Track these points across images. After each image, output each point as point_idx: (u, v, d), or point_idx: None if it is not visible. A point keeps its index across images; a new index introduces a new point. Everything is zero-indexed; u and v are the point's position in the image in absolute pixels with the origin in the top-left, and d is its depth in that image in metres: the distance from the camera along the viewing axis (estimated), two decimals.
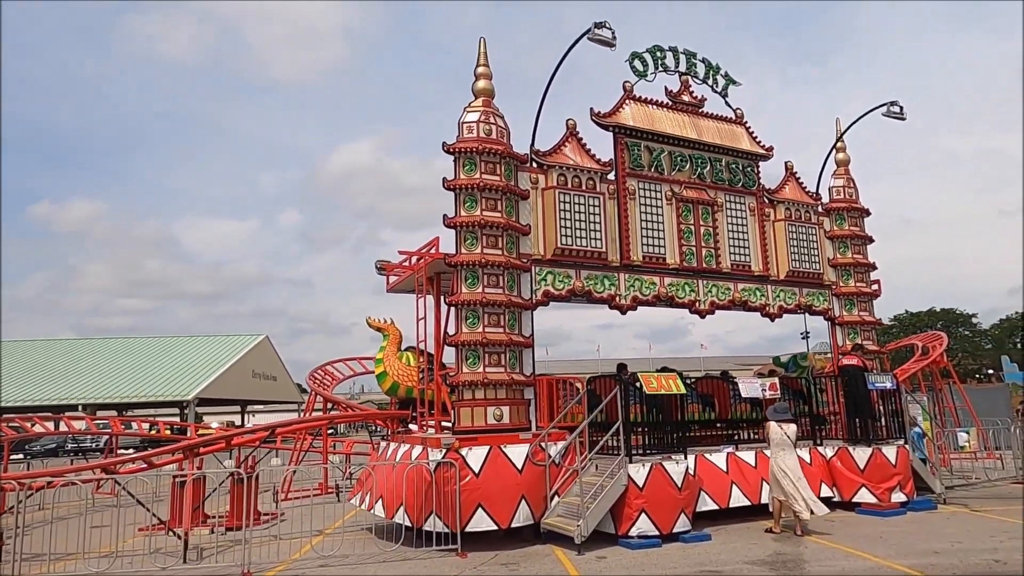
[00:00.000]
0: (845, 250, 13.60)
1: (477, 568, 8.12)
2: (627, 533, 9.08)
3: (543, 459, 9.67)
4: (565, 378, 11.35)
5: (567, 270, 10.83)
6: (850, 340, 13.31)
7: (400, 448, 10.57)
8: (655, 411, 9.86)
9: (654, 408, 9.83)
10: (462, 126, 10.48)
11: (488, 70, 10.83)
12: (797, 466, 10.05)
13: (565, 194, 10.87)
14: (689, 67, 12.61)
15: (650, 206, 11.70)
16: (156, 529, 11.01)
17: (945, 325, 65.27)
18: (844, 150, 14.09)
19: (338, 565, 8.49)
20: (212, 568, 8.51)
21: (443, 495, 9.01)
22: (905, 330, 66.76)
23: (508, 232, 10.28)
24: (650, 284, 11.49)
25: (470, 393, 9.72)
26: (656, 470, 9.34)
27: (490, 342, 9.79)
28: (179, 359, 50.35)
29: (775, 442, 10.14)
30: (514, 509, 9.24)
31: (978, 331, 76.18)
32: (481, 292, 9.90)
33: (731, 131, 12.81)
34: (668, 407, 10.05)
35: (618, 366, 13.16)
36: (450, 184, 10.20)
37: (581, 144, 11.33)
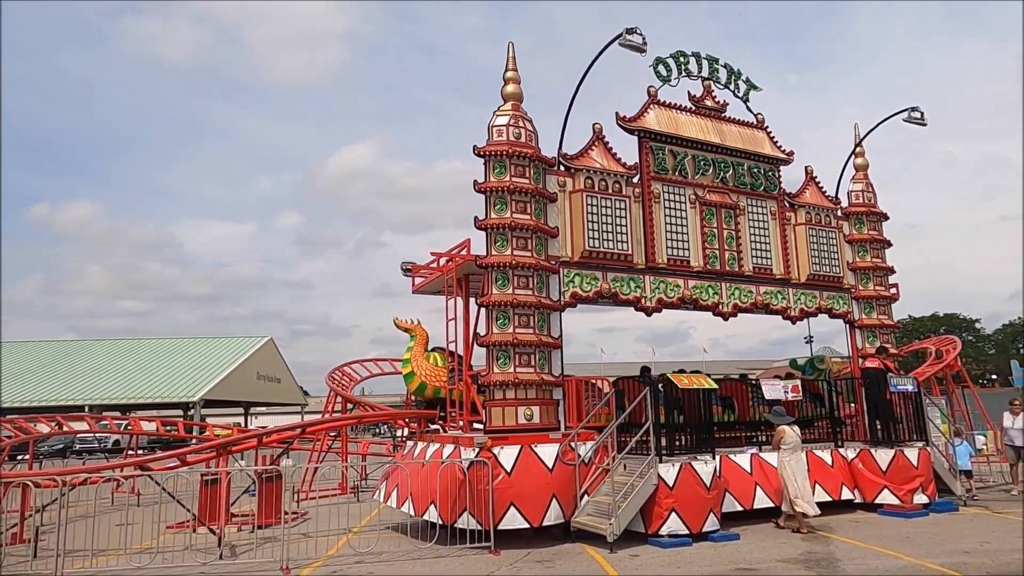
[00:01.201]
0: (864, 254, 13.73)
1: (513, 566, 8.23)
2: (657, 532, 9.19)
3: (573, 459, 9.78)
4: (588, 379, 11.47)
5: (594, 272, 10.95)
6: (870, 343, 13.43)
7: (429, 447, 10.68)
8: (676, 412, 9.96)
9: (675, 409, 9.93)
10: (492, 129, 10.62)
11: (517, 74, 10.98)
12: (804, 468, 10.26)
13: (592, 197, 11.01)
14: (711, 72, 12.75)
15: (674, 209, 11.84)
16: (184, 526, 11.12)
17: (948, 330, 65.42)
18: (863, 155, 14.23)
19: (374, 562, 8.60)
20: (250, 564, 8.61)
21: (476, 493, 9.12)
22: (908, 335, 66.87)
23: (537, 234, 10.41)
24: (674, 286, 11.62)
25: (501, 393, 9.84)
26: (685, 470, 9.45)
27: (520, 343, 9.91)
28: (184, 360, 50.48)
29: (791, 445, 10.30)
30: (545, 508, 9.35)
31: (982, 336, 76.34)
32: (511, 293, 10.02)
33: (753, 135, 12.95)
34: (695, 408, 10.16)
35: (642, 368, 13.27)
36: (481, 187, 10.33)
37: (607, 148, 11.47)
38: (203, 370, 48.54)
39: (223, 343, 55.88)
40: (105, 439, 40.03)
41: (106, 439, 40.22)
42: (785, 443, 10.36)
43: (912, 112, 13.09)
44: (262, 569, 8.39)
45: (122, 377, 47.27)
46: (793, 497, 9.98)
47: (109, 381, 46.58)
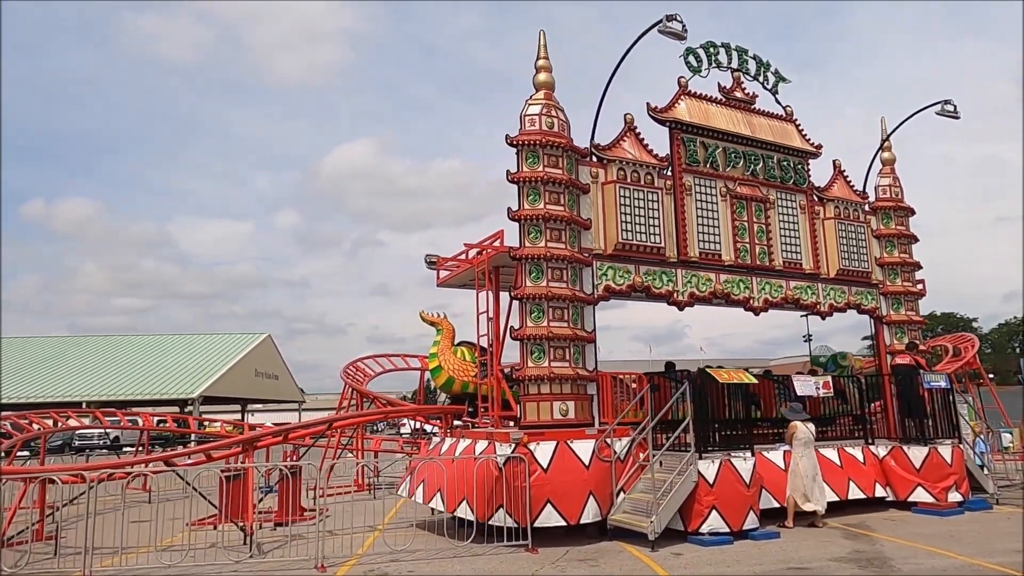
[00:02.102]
0: (892, 249, 13.56)
1: (556, 564, 8.01)
2: (697, 530, 8.99)
3: (609, 455, 9.57)
4: (615, 374, 11.25)
5: (626, 265, 10.74)
6: (897, 340, 13.27)
7: (460, 442, 10.44)
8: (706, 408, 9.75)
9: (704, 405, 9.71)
10: (524, 119, 10.39)
11: (548, 63, 10.75)
12: (815, 465, 10.16)
13: (625, 189, 10.79)
14: (741, 63, 12.55)
15: (706, 202, 11.63)
16: (206, 523, 10.87)
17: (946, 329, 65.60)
18: (890, 149, 14.06)
19: (410, 560, 8.37)
20: (283, 562, 8.38)
21: (512, 490, 8.90)
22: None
23: (571, 226, 10.20)
24: (706, 280, 11.41)
25: (535, 388, 9.63)
26: (725, 467, 9.26)
27: (555, 336, 9.69)
28: (182, 357, 50.11)
29: (803, 441, 10.17)
30: (583, 505, 9.14)
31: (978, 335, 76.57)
32: (546, 286, 9.80)
33: (782, 128, 12.76)
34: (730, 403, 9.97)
35: (667, 364, 13.10)
36: (514, 177, 10.11)
37: (639, 139, 11.26)
38: (201, 367, 48.20)
39: (221, 340, 55.51)
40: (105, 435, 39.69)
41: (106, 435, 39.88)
42: (796, 439, 10.24)
43: (945, 105, 12.92)
44: (295, 567, 8.16)
45: (120, 374, 46.89)
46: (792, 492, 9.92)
47: (107, 378, 46.20)
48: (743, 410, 10.07)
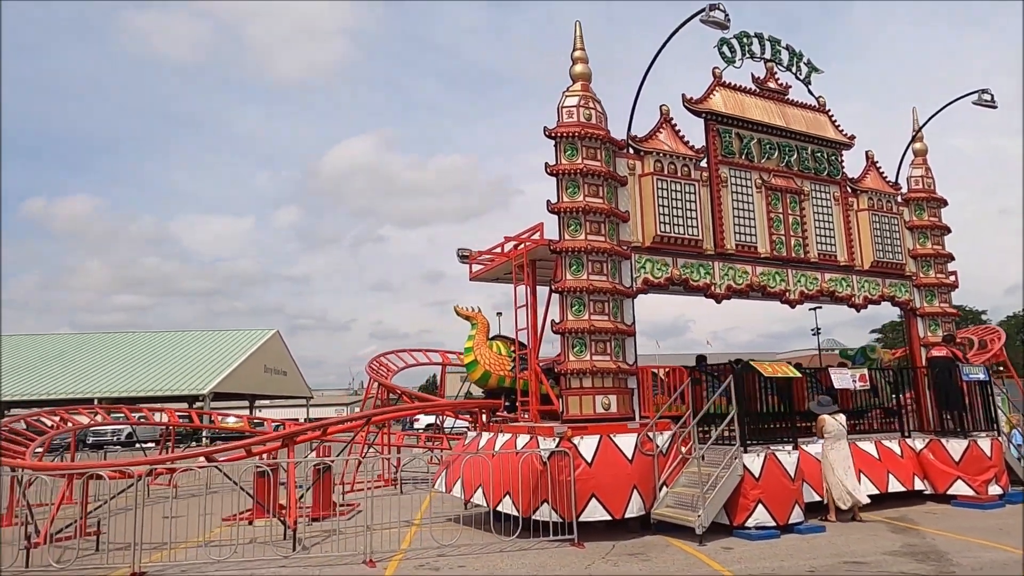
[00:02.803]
0: (925, 240, 13.44)
1: (606, 559, 7.96)
2: (743, 524, 8.93)
3: (651, 449, 9.51)
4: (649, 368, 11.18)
5: (664, 258, 10.65)
6: (931, 332, 13.16)
7: (499, 437, 10.38)
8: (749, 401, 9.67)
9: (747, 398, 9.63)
10: (561, 110, 10.30)
11: (584, 53, 10.64)
12: (849, 456, 10.10)
13: (662, 181, 10.69)
14: (774, 54, 12.42)
15: (741, 194, 11.52)
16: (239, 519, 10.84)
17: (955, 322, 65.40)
18: (922, 139, 13.93)
19: (457, 555, 8.32)
20: (329, 557, 8.33)
21: (557, 484, 8.84)
22: None
23: (610, 219, 10.10)
24: (742, 273, 11.32)
25: (577, 381, 9.55)
26: (770, 460, 9.19)
27: (597, 329, 9.61)
28: (191, 353, 50.20)
29: (833, 434, 10.11)
30: (627, 499, 9.07)
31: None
32: (586, 279, 9.72)
33: (815, 119, 12.63)
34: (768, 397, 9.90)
35: (697, 357, 13.05)
36: (552, 169, 10.02)
37: (675, 130, 11.15)
38: (211, 363, 48.31)
39: (230, 336, 55.58)
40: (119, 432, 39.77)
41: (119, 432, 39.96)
42: (827, 431, 10.16)
43: (982, 95, 12.79)
44: (342, 562, 8.11)
45: (130, 370, 46.99)
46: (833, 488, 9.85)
47: (117, 374, 46.31)
48: (784, 403, 9.98)
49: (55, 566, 7.99)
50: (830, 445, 10.08)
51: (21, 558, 8.11)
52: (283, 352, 60.02)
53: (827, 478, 10.02)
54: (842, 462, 9.99)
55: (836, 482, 9.93)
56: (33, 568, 8.04)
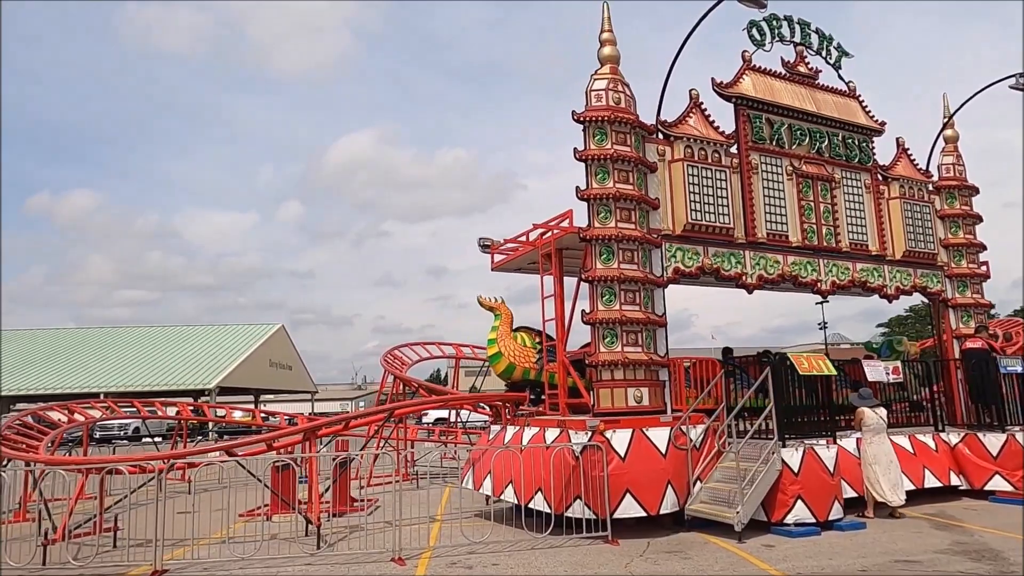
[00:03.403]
0: (956, 230, 13.10)
1: (644, 556, 7.67)
2: (782, 521, 8.64)
3: (685, 443, 9.21)
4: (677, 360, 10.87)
5: (695, 247, 10.33)
6: (963, 323, 12.84)
7: (525, 431, 10.09)
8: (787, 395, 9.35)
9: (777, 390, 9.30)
10: (590, 94, 9.97)
11: (613, 36, 10.31)
12: (891, 451, 9.80)
13: (693, 167, 10.36)
14: (804, 37, 12.06)
15: (772, 181, 11.19)
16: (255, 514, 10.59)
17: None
18: (953, 126, 13.57)
19: (488, 552, 8.04)
20: (356, 554, 8.05)
21: (590, 480, 8.56)
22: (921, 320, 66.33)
23: (641, 206, 9.79)
24: (774, 263, 10.99)
25: (608, 373, 9.26)
26: (809, 455, 8.89)
27: (628, 320, 9.31)
28: (196, 348, 49.98)
29: (872, 428, 9.82)
30: (661, 495, 8.78)
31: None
32: (617, 268, 9.41)
33: (846, 104, 12.28)
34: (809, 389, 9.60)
35: (724, 350, 12.74)
36: (581, 154, 9.70)
37: (705, 115, 10.82)
38: (217, 357, 48.07)
39: (234, 330, 55.31)
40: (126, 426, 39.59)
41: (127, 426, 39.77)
42: (866, 425, 9.86)
43: (1020, 78, 12.42)
44: (369, 560, 7.84)
45: (135, 365, 46.78)
46: (872, 484, 9.56)
47: (122, 369, 46.10)
48: (823, 396, 9.66)
49: (73, 563, 7.72)
50: (868, 439, 9.79)
51: (37, 555, 7.85)
52: (288, 346, 59.82)
53: (866, 473, 9.72)
54: (882, 457, 9.68)
55: (872, 476, 9.63)
56: (51, 565, 7.78)
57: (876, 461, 9.68)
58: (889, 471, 9.67)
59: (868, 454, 9.73)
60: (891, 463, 9.74)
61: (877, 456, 9.70)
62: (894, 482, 9.67)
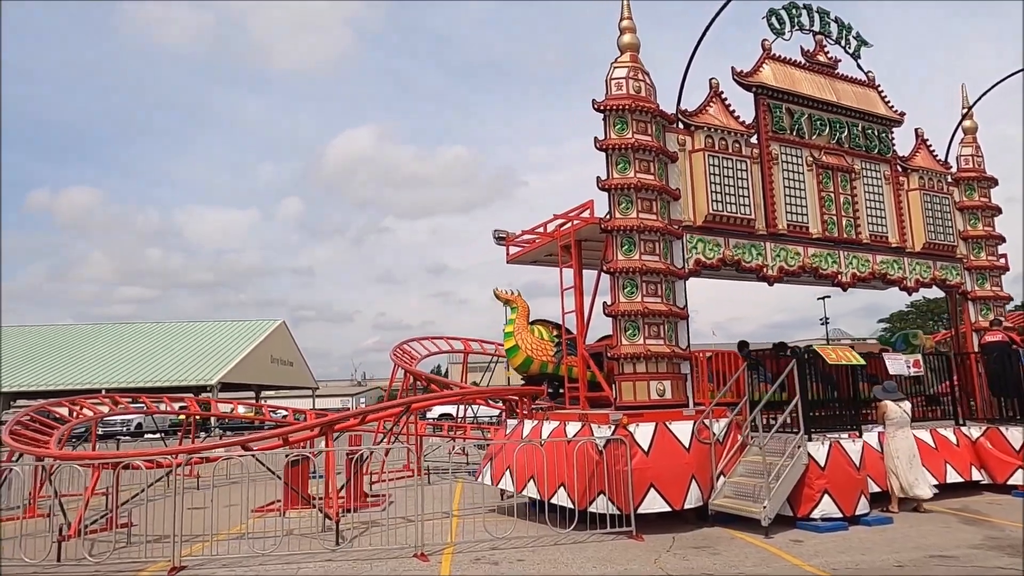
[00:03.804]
0: (976, 222, 12.95)
1: (671, 552, 7.53)
2: (808, 516, 8.50)
3: (708, 437, 9.07)
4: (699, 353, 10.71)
5: (716, 238, 10.17)
6: (982, 316, 12.70)
7: (544, 425, 9.94)
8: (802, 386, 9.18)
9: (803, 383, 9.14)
10: (610, 82, 9.80)
11: (632, 23, 10.13)
12: (914, 446, 9.66)
13: (713, 157, 10.20)
14: (823, 26, 11.88)
15: (792, 172, 11.03)
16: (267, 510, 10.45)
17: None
18: (972, 117, 13.41)
19: (510, 548, 7.90)
20: (376, 551, 7.90)
21: (613, 474, 8.41)
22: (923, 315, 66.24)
23: (662, 196, 9.63)
24: (794, 254, 10.84)
25: (631, 366, 9.10)
26: (835, 449, 8.75)
27: (650, 312, 9.16)
28: (198, 344, 49.76)
29: (895, 422, 9.68)
30: (685, 489, 8.64)
31: None
32: (639, 259, 9.26)
33: (866, 94, 12.12)
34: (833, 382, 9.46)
35: (739, 343, 12.58)
36: (601, 144, 9.54)
37: (725, 104, 10.65)
38: (218, 353, 47.85)
39: (236, 326, 55.09)
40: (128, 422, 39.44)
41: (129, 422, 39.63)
42: (889, 419, 9.73)
43: None
44: (390, 556, 7.69)
45: (137, 361, 46.55)
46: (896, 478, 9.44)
47: (123, 365, 45.88)
48: (850, 389, 9.51)
49: (89, 559, 7.57)
50: (892, 433, 9.66)
51: (52, 552, 7.70)
52: (289, 342, 59.64)
53: (888, 467, 9.60)
54: (906, 452, 9.55)
55: (895, 471, 9.50)
56: (66, 562, 7.63)
57: (899, 455, 9.56)
58: (912, 465, 9.55)
59: (891, 448, 9.61)
60: (914, 457, 9.61)
61: (900, 450, 9.57)
62: (918, 476, 9.55)
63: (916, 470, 9.56)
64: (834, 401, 11.70)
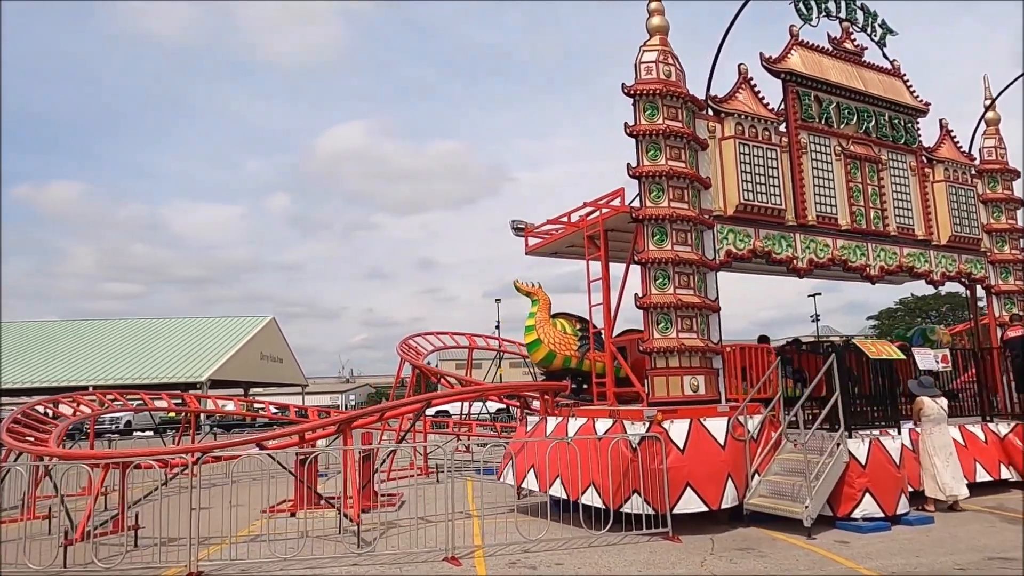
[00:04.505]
0: (999, 215, 12.72)
1: (714, 554, 7.20)
2: (849, 515, 8.20)
3: (743, 434, 8.75)
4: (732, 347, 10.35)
5: (747, 228, 9.85)
6: (1006, 311, 12.48)
7: (570, 422, 9.58)
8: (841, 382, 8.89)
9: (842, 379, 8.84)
10: (639, 66, 9.44)
11: (661, 5, 9.77)
12: (951, 443, 9.41)
13: (744, 145, 9.87)
14: (849, 13, 11.59)
15: (821, 161, 10.72)
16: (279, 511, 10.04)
17: (952, 308, 65.09)
18: (994, 108, 13.19)
19: (543, 550, 7.54)
20: (400, 555, 7.50)
21: (648, 473, 8.07)
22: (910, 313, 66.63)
23: (693, 184, 9.29)
24: (823, 246, 10.54)
25: (663, 361, 8.76)
26: (875, 446, 8.45)
27: (683, 304, 8.82)
28: (187, 340, 49.06)
29: (932, 418, 9.43)
30: (722, 488, 8.32)
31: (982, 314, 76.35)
32: (671, 250, 8.91)
33: (892, 83, 11.84)
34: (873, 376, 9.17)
35: (759, 338, 12.29)
36: (632, 130, 9.18)
37: (754, 91, 10.31)
38: (208, 350, 47.16)
39: (224, 323, 54.36)
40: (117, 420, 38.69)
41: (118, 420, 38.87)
42: (925, 415, 9.47)
43: None
44: (418, 559, 7.30)
45: (125, 357, 45.78)
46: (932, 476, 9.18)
47: (111, 361, 45.09)
48: (887, 383, 9.22)
49: (99, 564, 7.11)
50: (928, 430, 9.39)
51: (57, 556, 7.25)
52: (279, 339, 58.93)
53: (924, 465, 9.33)
54: (942, 449, 9.28)
55: (930, 469, 9.24)
56: (73, 567, 7.18)
57: (936, 453, 9.30)
58: (949, 463, 9.29)
59: (928, 445, 9.35)
60: (951, 455, 9.36)
61: (937, 447, 9.31)
62: (954, 474, 9.29)
63: (953, 468, 9.30)
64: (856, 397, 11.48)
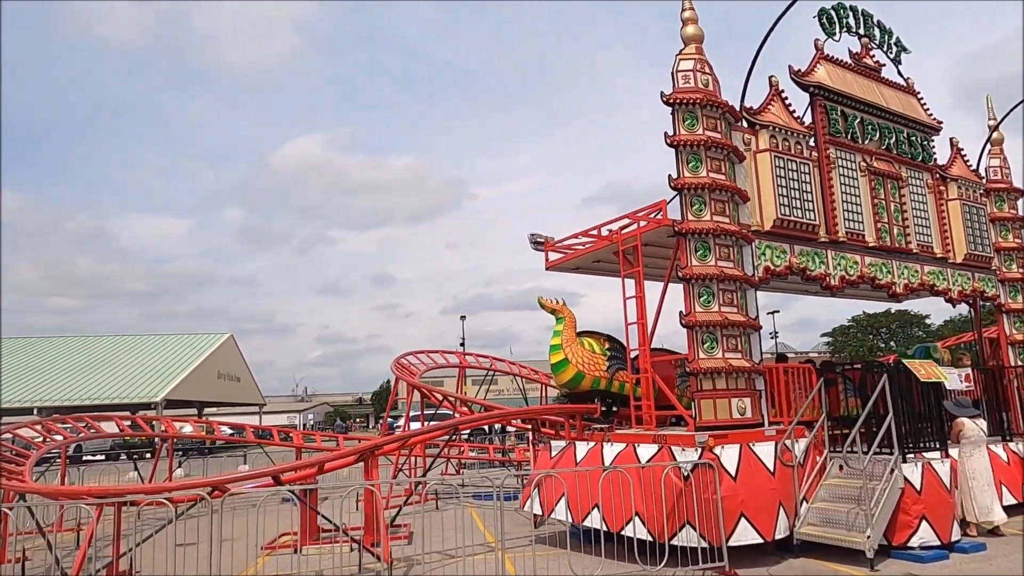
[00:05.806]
0: (1007, 233, 12.79)
1: None
2: (905, 543, 7.86)
3: (791, 459, 8.34)
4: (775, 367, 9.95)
5: (782, 244, 9.54)
6: (1016, 329, 12.49)
7: (608, 448, 9.02)
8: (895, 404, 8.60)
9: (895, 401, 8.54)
10: (676, 75, 9.08)
11: (695, 14, 9.44)
12: (989, 466, 9.24)
13: (779, 158, 9.59)
14: (867, 29, 11.53)
15: (848, 177, 10.53)
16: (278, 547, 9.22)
17: (900, 325, 67.00)
18: (999, 128, 13.31)
19: None
20: None
21: (701, 503, 7.57)
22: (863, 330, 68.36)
23: (734, 198, 8.94)
24: (853, 263, 10.31)
25: (710, 382, 8.31)
26: (927, 470, 8.15)
27: (729, 323, 8.40)
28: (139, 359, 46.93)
29: (972, 440, 9.25)
30: (775, 518, 7.88)
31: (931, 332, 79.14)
32: (715, 265, 8.51)
33: (908, 101, 11.80)
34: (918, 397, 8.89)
35: (777, 356, 12.01)
36: (672, 140, 8.78)
37: (786, 104, 10.07)
38: (162, 369, 45.13)
39: (179, 340, 52.26)
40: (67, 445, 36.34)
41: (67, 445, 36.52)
42: (965, 437, 9.30)
43: None
44: None
45: (73, 377, 43.44)
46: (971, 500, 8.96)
47: (58, 381, 42.67)
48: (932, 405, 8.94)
49: None
50: (968, 452, 9.17)
51: None
52: (236, 357, 57.02)
53: (963, 489, 9.08)
54: (982, 472, 9.06)
55: (976, 494, 8.99)
56: None
57: (975, 476, 9.07)
58: (989, 487, 9.08)
59: (968, 468, 9.11)
60: (990, 479, 9.15)
61: (977, 471, 9.10)
62: (992, 497, 9.08)
63: (991, 491, 9.09)
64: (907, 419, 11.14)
